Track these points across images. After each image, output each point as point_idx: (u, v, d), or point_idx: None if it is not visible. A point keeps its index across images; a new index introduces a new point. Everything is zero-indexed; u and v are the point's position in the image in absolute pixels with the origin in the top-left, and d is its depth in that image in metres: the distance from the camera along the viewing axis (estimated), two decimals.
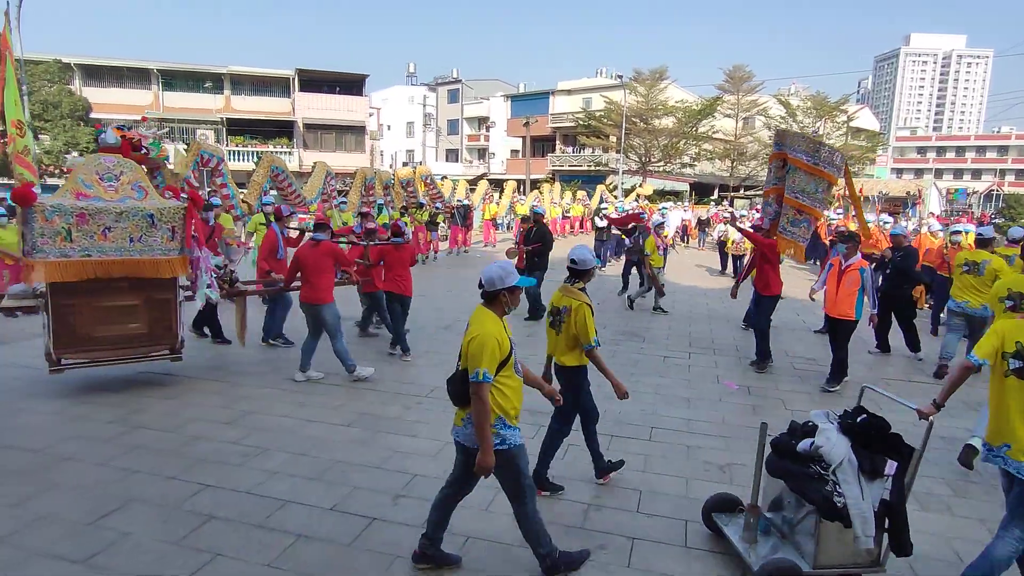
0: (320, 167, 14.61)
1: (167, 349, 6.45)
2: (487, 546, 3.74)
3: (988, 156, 77.22)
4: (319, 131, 41.29)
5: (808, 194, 7.44)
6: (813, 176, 7.37)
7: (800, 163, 7.40)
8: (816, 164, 7.35)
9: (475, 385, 3.18)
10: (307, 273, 6.64)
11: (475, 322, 3.36)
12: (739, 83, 42.60)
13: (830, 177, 7.40)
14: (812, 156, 7.37)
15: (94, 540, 3.68)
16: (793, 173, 7.44)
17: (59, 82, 28.35)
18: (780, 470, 3.57)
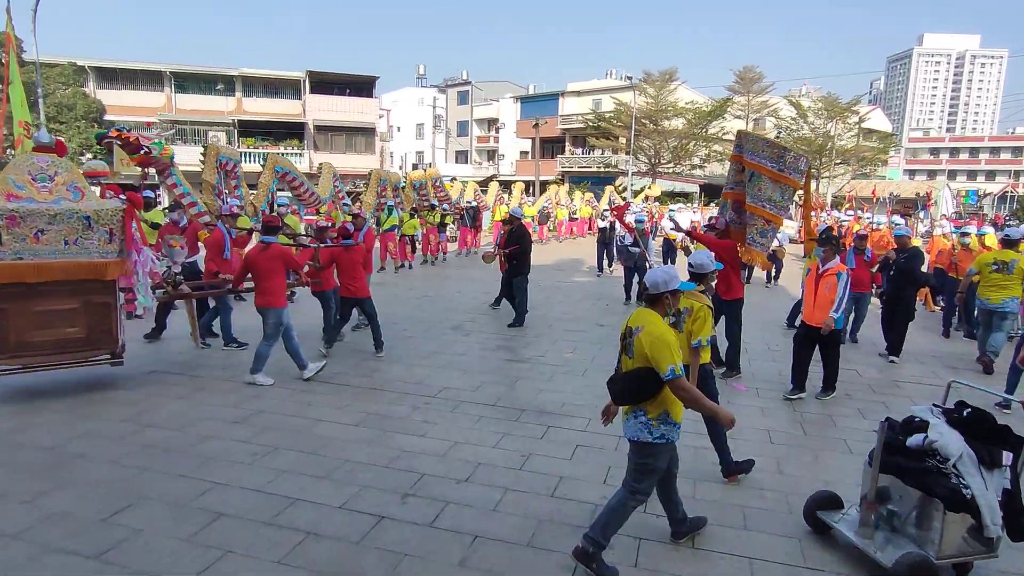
0: (327, 168, 14.72)
1: (107, 354, 6.22)
2: (495, 546, 3.74)
3: (1002, 157, 76.41)
4: (329, 133, 41.48)
5: (775, 203, 7.09)
6: (779, 184, 7.02)
7: (765, 170, 7.00)
8: (782, 171, 6.97)
9: (675, 381, 3.33)
10: (257, 277, 6.52)
11: (646, 323, 3.47)
12: (749, 84, 42.51)
13: (794, 183, 7.09)
14: (777, 162, 6.98)
15: (106, 537, 3.72)
16: (757, 181, 7.03)
17: (74, 85, 28.66)
18: (894, 467, 3.63)
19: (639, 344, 3.42)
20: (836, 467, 4.97)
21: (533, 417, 5.89)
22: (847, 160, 43.66)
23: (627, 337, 3.57)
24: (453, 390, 6.59)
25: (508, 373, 7.23)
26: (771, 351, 8.66)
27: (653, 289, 3.55)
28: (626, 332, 3.60)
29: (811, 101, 44.32)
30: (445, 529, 3.91)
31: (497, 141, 56.24)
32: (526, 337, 9.04)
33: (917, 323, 11.15)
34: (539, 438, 5.41)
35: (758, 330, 10.02)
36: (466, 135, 59.66)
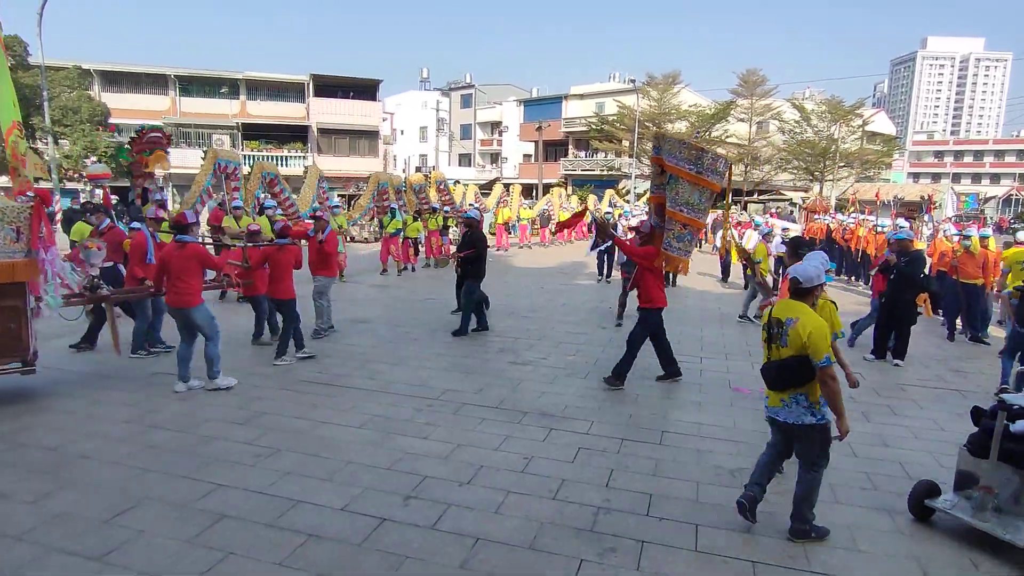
0: (313, 171, 14.97)
1: (18, 361, 5.87)
2: (497, 548, 3.74)
3: (1007, 160, 76.22)
4: (333, 136, 41.61)
5: (692, 206, 6.86)
6: (697, 186, 6.80)
7: (683, 172, 6.74)
8: (700, 173, 6.75)
9: (827, 369, 3.67)
10: (172, 277, 6.32)
11: (801, 314, 3.78)
12: (753, 87, 42.47)
13: (713, 185, 6.85)
14: (695, 164, 6.74)
15: (109, 538, 3.73)
16: (675, 184, 6.77)
17: (79, 88, 28.76)
18: (1007, 453, 3.87)
19: (795, 334, 3.73)
20: (841, 470, 4.94)
21: (535, 420, 5.89)
22: (850, 163, 43.59)
23: (776, 328, 3.88)
24: (456, 392, 6.59)
25: (510, 376, 7.23)
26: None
27: (807, 283, 3.87)
28: (774, 323, 3.90)
29: (814, 104, 44.27)
30: (447, 531, 3.90)
31: (500, 144, 56.34)
32: (528, 340, 9.04)
33: (919, 326, 11.13)
34: (541, 441, 5.41)
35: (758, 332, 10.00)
36: (469, 138, 59.77)
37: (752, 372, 7.70)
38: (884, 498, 4.51)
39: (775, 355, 3.91)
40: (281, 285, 7.52)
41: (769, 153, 43.69)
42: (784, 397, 3.87)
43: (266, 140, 40.19)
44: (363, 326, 9.61)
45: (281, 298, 7.55)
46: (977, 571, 3.65)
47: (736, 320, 10.88)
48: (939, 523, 4.16)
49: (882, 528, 4.09)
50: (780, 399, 3.90)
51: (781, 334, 3.83)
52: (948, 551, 3.85)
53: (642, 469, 4.88)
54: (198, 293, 6.46)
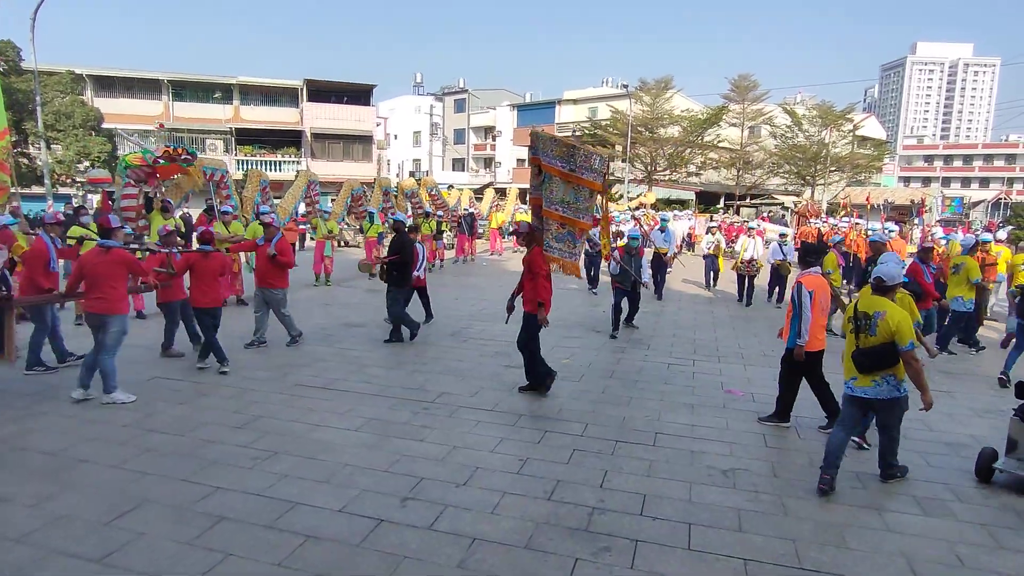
0: (303, 176, 15.21)
1: None
2: (494, 548, 3.79)
3: (996, 164, 76.97)
4: (327, 141, 41.62)
5: (568, 205, 6.67)
6: (571, 185, 6.62)
7: (555, 171, 6.53)
8: (572, 171, 6.57)
9: (912, 352, 4.49)
10: (97, 282, 6.10)
11: (887, 308, 4.57)
12: (744, 92, 42.76)
13: (591, 184, 6.67)
14: (567, 162, 6.54)
15: (110, 540, 3.76)
16: (550, 183, 6.58)
17: (72, 93, 28.65)
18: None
19: (884, 325, 4.49)
20: None
21: (530, 422, 5.95)
22: (842, 167, 43.93)
23: (863, 320, 4.64)
24: (452, 395, 6.65)
25: (506, 378, 7.29)
26: (765, 356, 8.73)
27: (890, 280, 4.67)
28: (860, 316, 4.66)
29: (806, 109, 44.59)
30: (444, 532, 3.96)
31: (494, 149, 56.46)
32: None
33: None
34: (536, 442, 5.47)
35: (750, 335, 10.11)
36: (463, 143, 59.86)
37: (744, 374, 7.80)
38: (873, 496, 4.59)
39: (864, 343, 4.61)
40: (208, 293, 7.27)
41: (761, 158, 43.98)
42: (875, 378, 4.60)
43: (259, 145, 40.15)
44: (358, 330, 9.66)
45: (208, 307, 7.27)
46: (963, 566, 3.73)
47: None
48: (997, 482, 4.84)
49: (872, 526, 4.17)
50: (872, 380, 4.61)
51: (870, 325, 4.58)
52: (936, 549, 3.93)
53: (636, 470, 4.94)
54: (125, 300, 6.35)
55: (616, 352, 8.66)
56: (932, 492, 4.70)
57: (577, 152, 6.62)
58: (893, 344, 4.46)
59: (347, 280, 15.07)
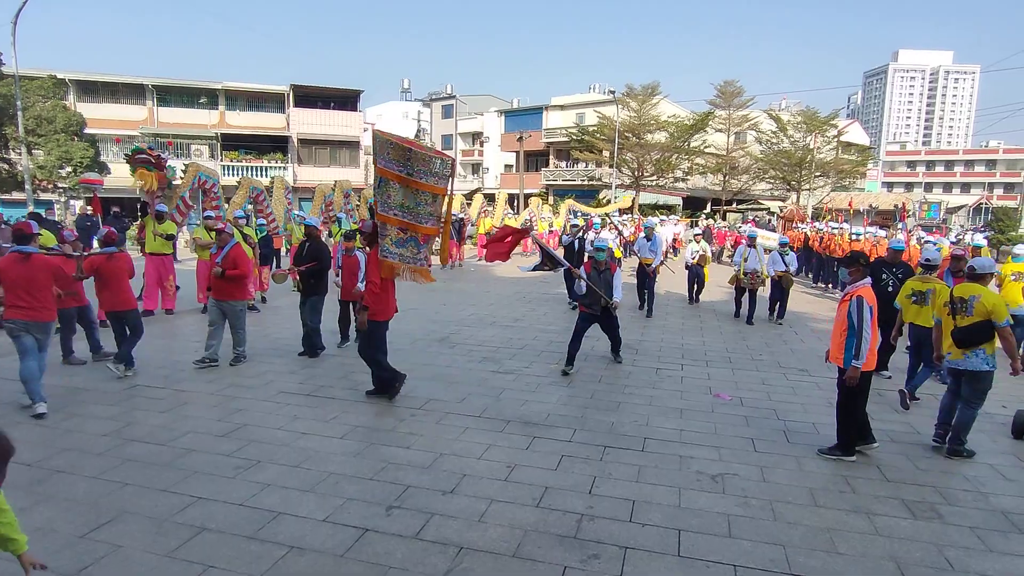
0: (279, 183, 15.31)
1: None
2: (481, 557, 3.73)
3: (976, 170, 78.01)
4: (313, 146, 41.41)
5: (408, 210, 6.39)
6: (410, 189, 6.35)
7: (391, 174, 6.26)
8: (410, 175, 6.29)
9: (1007, 328, 5.32)
10: (20, 290, 5.83)
11: (981, 292, 5.41)
12: (730, 98, 43.06)
13: (433, 188, 6.44)
14: (404, 166, 6.27)
15: (85, 553, 3.66)
16: (385, 187, 6.28)
17: (53, 98, 28.30)
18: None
19: (980, 305, 5.33)
20: (819, 474, 5.03)
21: (518, 428, 5.89)
22: (826, 173, 44.34)
23: (959, 303, 5.49)
24: (439, 402, 6.58)
25: (493, 385, 7.23)
26: (754, 360, 8.75)
27: (982, 271, 5.54)
28: (956, 300, 5.52)
29: (791, 115, 44.99)
30: (430, 541, 3.89)
31: (482, 155, 56.47)
32: (510, 349, 9.05)
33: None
34: (524, 449, 5.41)
35: (740, 339, 10.12)
36: (451, 148, 59.83)
37: (732, 379, 7.79)
38: (862, 500, 4.58)
39: (961, 322, 5.43)
40: (118, 296, 7.06)
41: (747, 163, 44.28)
42: (967, 352, 5.38)
43: (245, 150, 39.85)
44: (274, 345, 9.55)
45: (120, 310, 7.08)
46: (952, 570, 3.72)
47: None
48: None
49: (861, 530, 4.15)
50: (963, 354, 5.40)
51: (966, 307, 5.42)
52: (925, 552, 3.91)
53: (625, 476, 4.90)
54: (54, 308, 6.13)
55: (604, 357, 8.62)
56: (921, 496, 4.70)
57: (415, 155, 6.32)
58: (990, 322, 5.29)
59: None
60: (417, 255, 6.61)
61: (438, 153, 6.66)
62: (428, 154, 6.48)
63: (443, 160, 6.56)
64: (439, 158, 6.54)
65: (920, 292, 6.88)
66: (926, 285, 6.86)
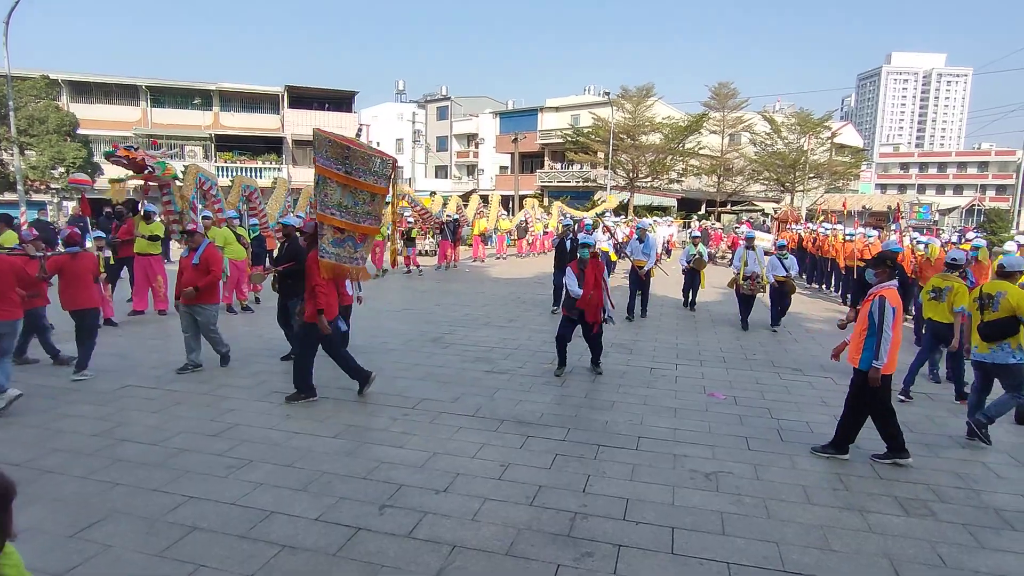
0: (282, 183, 15.41)
1: None
2: (474, 555, 3.72)
3: (969, 172, 78.50)
4: (308, 147, 41.28)
5: (347, 209, 6.26)
6: (349, 188, 6.22)
7: (331, 173, 6.12)
8: (349, 174, 6.17)
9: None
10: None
11: (1007, 289, 5.68)
12: (724, 100, 43.26)
13: (372, 188, 6.31)
14: (343, 164, 6.14)
15: (74, 553, 3.63)
16: (323, 185, 6.14)
17: (46, 98, 28.16)
18: None
19: (1005, 301, 5.59)
20: (812, 472, 5.03)
21: (512, 427, 5.88)
22: (820, 174, 44.54)
23: (986, 299, 5.77)
24: (432, 401, 6.56)
25: (487, 384, 7.22)
26: (748, 359, 8.76)
27: (1010, 268, 5.96)
28: (984, 296, 5.80)
29: (785, 117, 45.20)
30: (423, 539, 3.87)
31: (477, 156, 56.52)
32: (505, 349, 9.03)
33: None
34: (518, 448, 5.40)
35: (734, 339, 10.14)
36: (446, 150, 59.86)
37: (726, 378, 7.80)
38: (855, 498, 4.58)
39: (987, 317, 5.69)
40: (81, 295, 6.97)
41: (741, 165, 44.46)
42: (992, 346, 5.64)
43: (240, 151, 39.78)
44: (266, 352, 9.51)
45: (82, 308, 6.98)
46: (946, 567, 3.72)
47: None
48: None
49: (854, 527, 4.15)
50: (989, 347, 5.67)
51: (992, 303, 5.69)
52: (918, 549, 3.92)
53: (619, 474, 4.89)
54: (19, 304, 6.10)
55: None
56: (913, 493, 4.70)
57: (354, 154, 6.19)
58: (1015, 317, 5.52)
59: None
60: (354, 254, 6.50)
61: (379, 152, 6.54)
62: (368, 152, 6.36)
63: (383, 159, 6.45)
64: (379, 157, 6.43)
65: (939, 289, 7.12)
66: (945, 282, 7.09)
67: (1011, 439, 5.95)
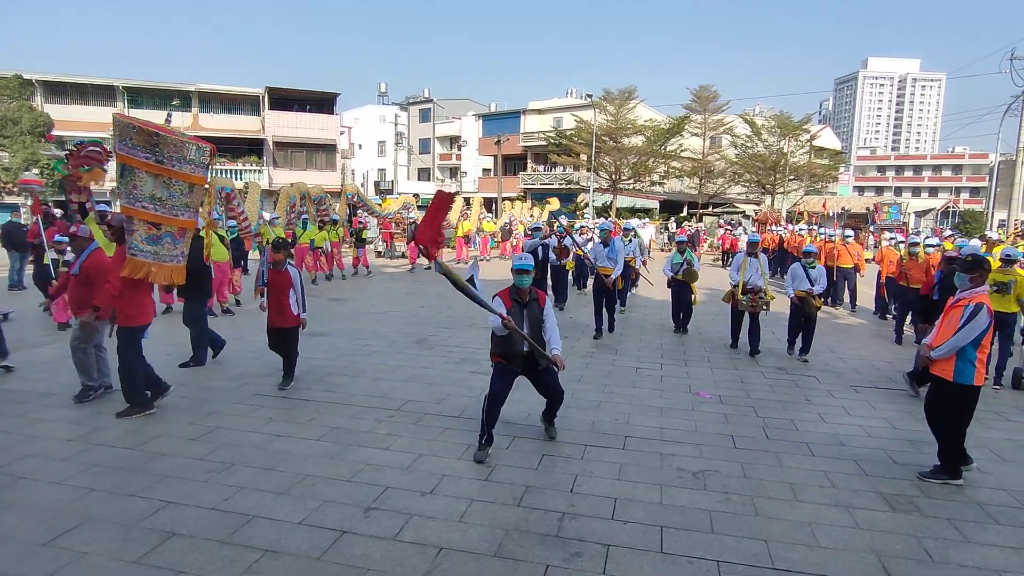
0: (254, 187, 15.26)
1: None
2: (461, 557, 3.66)
3: (944, 175, 79.94)
4: (289, 149, 40.96)
5: (161, 202, 5.76)
6: (161, 178, 5.72)
7: (137, 162, 5.57)
8: (160, 163, 5.66)
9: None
10: None
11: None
12: (706, 103, 43.51)
13: (188, 177, 5.86)
14: (151, 153, 5.61)
15: (48, 561, 3.51)
16: (131, 176, 5.59)
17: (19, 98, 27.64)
18: None
19: (1018, 287, 7.13)
20: (799, 469, 5.04)
21: (499, 428, 5.79)
22: (800, 176, 45.04)
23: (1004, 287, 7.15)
24: (417, 403, 6.49)
25: (472, 385, 7.15)
26: (732, 359, 8.78)
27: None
28: (998, 285, 7.12)
29: (765, 120, 45.60)
30: (409, 542, 3.80)
31: (459, 158, 56.38)
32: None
33: (869, 330, 11.49)
34: (505, 448, 5.35)
35: (717, 341, 10.17)
36: (428, 152, 59.62)
37: (711, 377, 7.81)
38: (841, 495, 4.59)
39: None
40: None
41: (722, 167, 44.78)
42: None
43: (220, 153, 39.16)
44: (321, 339, 9.41)
45: None
46: (933, 561, 3.73)
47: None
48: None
49: (842, 524, 4.16)
50: None
51: (1008, 286, 7.10)
52: (904, 544, 3.93)
53: (606, 474, 4.86)
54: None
55: (584, 357, 8.60)
56: (899, 489, 4.72)
57: (164, 140, 5.67)
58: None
59: (310, 290, 14.78)
60: (173, 251, 5.99)
61: (194, 139, 6.06)
62: (179, 139, 5.85)
63: (199, 146, 5.97)
64: (195, 144, 5.95)
65: (1002, 283, 7.56)
66: (1008, 276, 7.59)
67: (992, 434, 6.01)
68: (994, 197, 36.30)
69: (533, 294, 5.46)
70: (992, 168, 48.99)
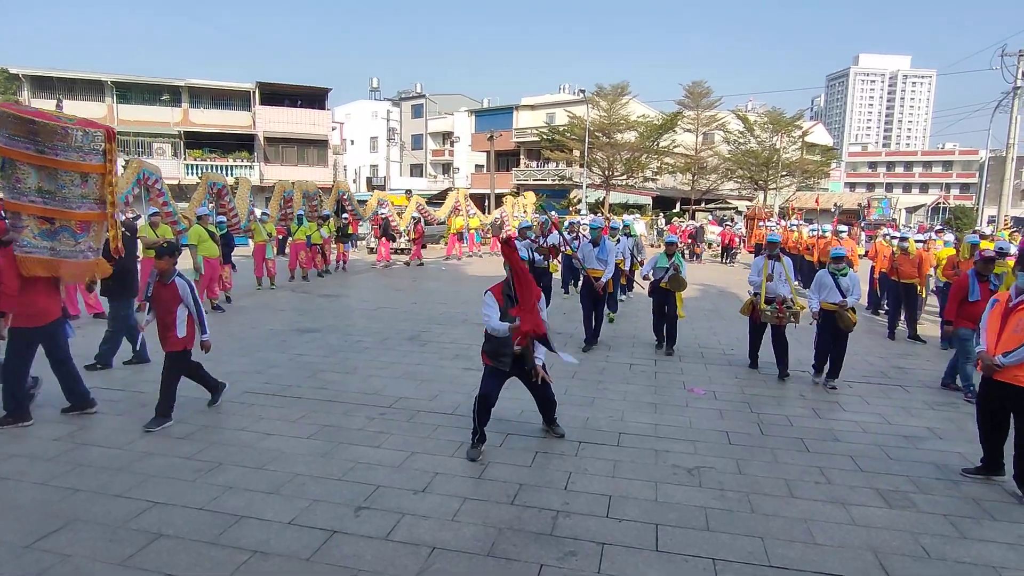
0: (244, 183, 15.10)
1: None
2: (454, 557, 3.60)
3: (934, 171, 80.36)
4: (280, 145, 40.71)
5: (51, 195, 5.29)
6: (49, 169, 5.25)
7: (18, 154, 5.12)
8: (42, 153, 5.17)
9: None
10: None
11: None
12: (698, 99, 43.56)
13: (78, 166, 5.35)
14: (31, 142, 5.13)
15: (31, 563, 3.42)
16: (13, 169, 5.16)
17: (5, 93, 27.30)
18: None
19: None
20: (794, 465, 5.01)
21: (492, 425, 5.71)
22: (792, 172, 45.19)
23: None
24: (409, 400, 6.42)
25: (465, 382, 7.09)
26: (726, 354, 8.76)
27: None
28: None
29: (757, 116, 45.72)
30: (401, 541, 3.74)
31: (452, 154, 56.21)
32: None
33: (862, 325, 11.50)
34: (498, 446, 5.29)
35: (711, 335, 10.15)
36: (421, 148, 59.42)
37: (705, 373, 7.78)
38: (837, 491, 4.56)
39: None
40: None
41: (715, 163, 44.88)
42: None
43: (210, 149, 38.99)
44: (312, 335, 9.32)
45: None
46: (930, 558, 3.71)
47: None
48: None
49: (837, 520, 4.12)
50: None
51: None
52: (901, 541, 3.90)
53: (600, 471, 4.81)
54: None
55: (577, 354, 8.54)
56: (894, 484, 4.70)
57: (43, 128, 5.15)
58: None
59: (301, 286, 14.69)
60: (75, 247, 5.53)
61: (86, 123, 5.50)
62: (63, 125, 5.29)
63: (87, 131, 5.41)
64: (82, 129, 5.38)
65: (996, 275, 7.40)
66: (1000, 269, 7.52)
67: None
68: (984, 193, 36.54)
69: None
70: (982, 164, 49.26)
